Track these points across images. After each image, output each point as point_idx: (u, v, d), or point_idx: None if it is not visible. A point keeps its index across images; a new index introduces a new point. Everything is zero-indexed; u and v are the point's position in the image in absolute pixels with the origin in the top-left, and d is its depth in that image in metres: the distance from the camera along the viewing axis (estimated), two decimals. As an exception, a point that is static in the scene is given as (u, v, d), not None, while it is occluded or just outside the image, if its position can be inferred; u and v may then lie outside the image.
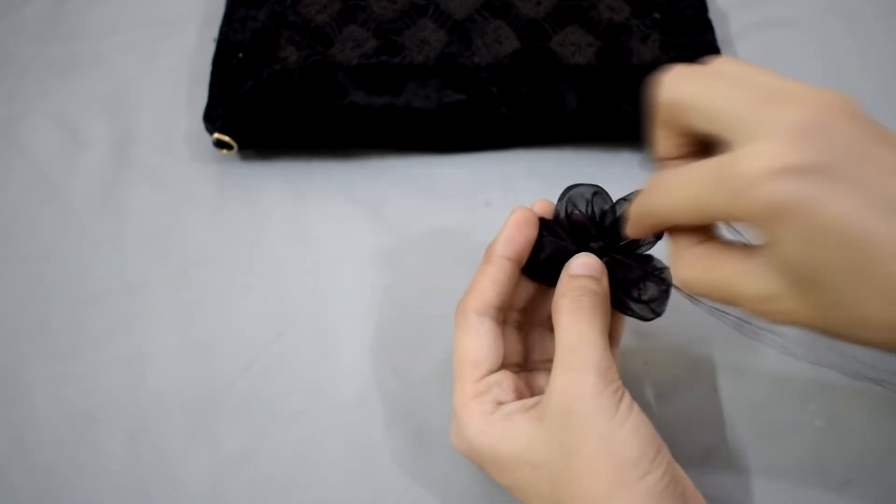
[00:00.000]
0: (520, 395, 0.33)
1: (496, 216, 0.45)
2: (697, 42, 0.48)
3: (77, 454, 0.38)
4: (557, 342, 0.31)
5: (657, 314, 0.32)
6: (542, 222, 0.34)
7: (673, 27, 0.49)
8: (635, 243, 0.33)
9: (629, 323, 0.41)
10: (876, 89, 0.51)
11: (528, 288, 0.35)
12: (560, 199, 0.34)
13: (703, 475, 0.37)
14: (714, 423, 0.38)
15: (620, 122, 0.46)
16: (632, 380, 0.40)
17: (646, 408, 0.39)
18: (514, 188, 0.46)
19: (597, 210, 0.33)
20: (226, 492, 0.37)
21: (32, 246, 0.45)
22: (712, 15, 0.51)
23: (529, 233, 0.33)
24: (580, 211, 0.33)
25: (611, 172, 0.47)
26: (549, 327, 0.35)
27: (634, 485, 0.28)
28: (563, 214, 0.34)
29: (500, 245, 0.33)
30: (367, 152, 0.48)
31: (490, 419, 0.31)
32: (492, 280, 0.33)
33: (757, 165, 0.23)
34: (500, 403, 0.32)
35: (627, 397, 0.30)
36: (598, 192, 0.34)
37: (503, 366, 0.34)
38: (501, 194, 0.46)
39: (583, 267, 0.32)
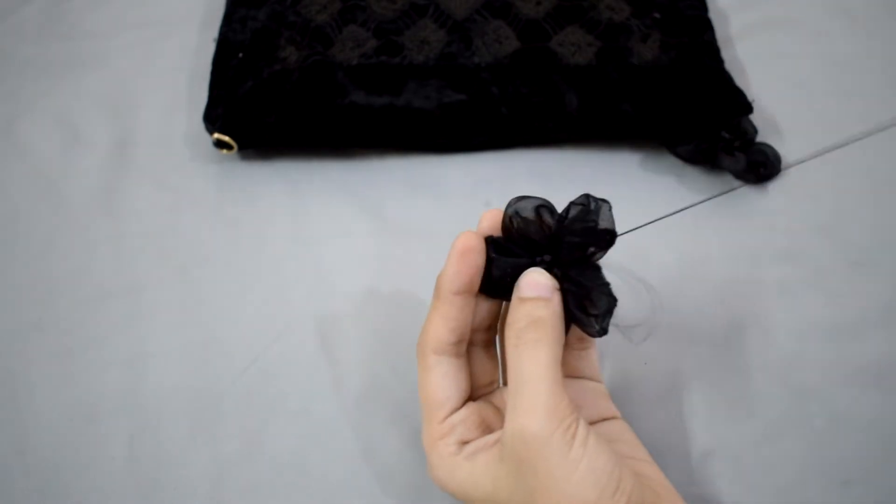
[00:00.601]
0: (486, 428, 0.32)
1: (496, 216, 0.45)
2: (697, 42, 0.48)
3: (77, 454, 0.38)
4: (508, 379, 0.30)
5: (602, 330, 0.30)
6: (491, 241, 0.32)
7: (673, 27, 0.49)
8: (586, 254, 0.31)
9: (628, 323, 0.41)
10: (875, 89, 0.51)
11: (490, 307, 0.33)
12: (506, 212, 0.32)
13: (703, 475, 0.37)
14: (714, 423, 0.38)
15: (620, 122, 0.46)
16: (632, 380, 0.40)
17: (645, 408, 0.39)
18: (514, 188, 0.46)
19: (545, 221, 0.31)
20: (226, 492, 0.37)
21: (32, 246, 0.45)
22: (712, 15, 0.51)
23: (475, 260, 0.32)
24: (526, 220, 0.31)
25: (611, 172, 0.47)
26: None
27: None
28: (511, 227, 0.32)
29: (447, 280, 0.32)
30: (367, 152, 0.48)
31: (455, 461, 0.31)
32: (443, 317, 0.32)
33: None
34: (464, 443, 0.31)
35: (582, 431, 0.28)
36: (544, 204, 0.32)
37: (473, 395, 0.33)
38: (501, 194, 0.46)
39: (532, 287, 0.30)
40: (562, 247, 0.31)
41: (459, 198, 0.46)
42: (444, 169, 0.47)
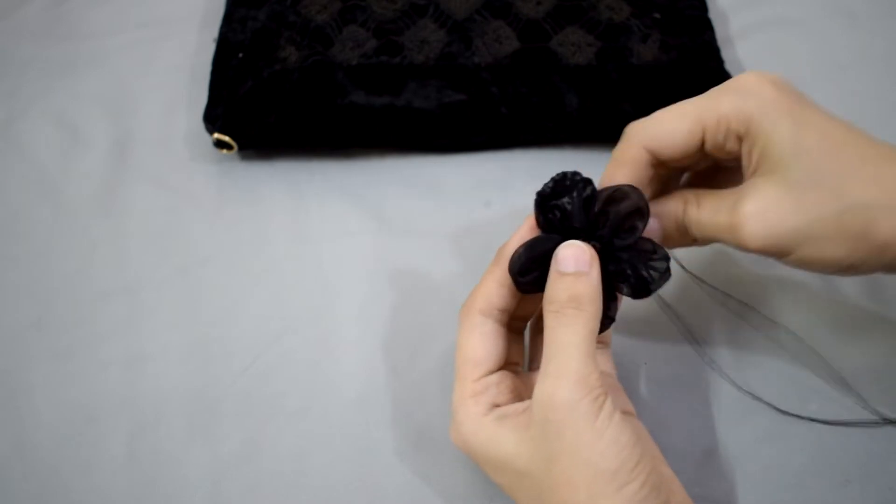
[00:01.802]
0: (518, 396, 0.33)
1: (496, 216, 0.46)
2: (697, 42, 0.48)
3: (77, 454, 0.38)
4: (543, 348, 0.31)
5: (651, 291, 0.32)
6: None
7: (673, 27, 0.49)
8: (620, 232, 0.32)
9: (628, 323, 0.41)
10: (875, 89, 0.51)
11: (535, 301, 0.35)
12: (545, 202, 0.33)
13: (702, 475, 0.37)
14: (714, 423, 0.38)
15: (620, 122, 0.45)
16: (632, 380, 0.40)
17: (645, 407, 0.39)
18: (514, 188, 0.46)
19: (577, 202, 0.33)
20: (226, 492, 0.37)
21: (32, 246, 0.45)
22: (712, 15, 0.51)
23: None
24: (568, 212, 0.33)
25: (611, 172, 0.47)
26: None
27: (612, 496, 0.28)
28: (552, 219, 0.33)
29: (511, 249, 0.33)
30: (367, 152, 0.48)
31: (482, 420, 0.31)
32: (498, 282, 0.33)
33: (752, 76, 0.32)
34: (496, 405, 0.32)
35: (609, 405, 0.29)
36: (587, 194, 0.33)
37: (505, 365, 0.34)
38: (501, 194, 0.46)
39: (570, 262, 0.31)
40: (603, 224, 0.32)
41: (459, 198, 0.46)
42: (444, 169, 0.47)
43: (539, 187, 0.34)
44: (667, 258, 0.32)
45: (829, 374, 0.39)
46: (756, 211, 0.30)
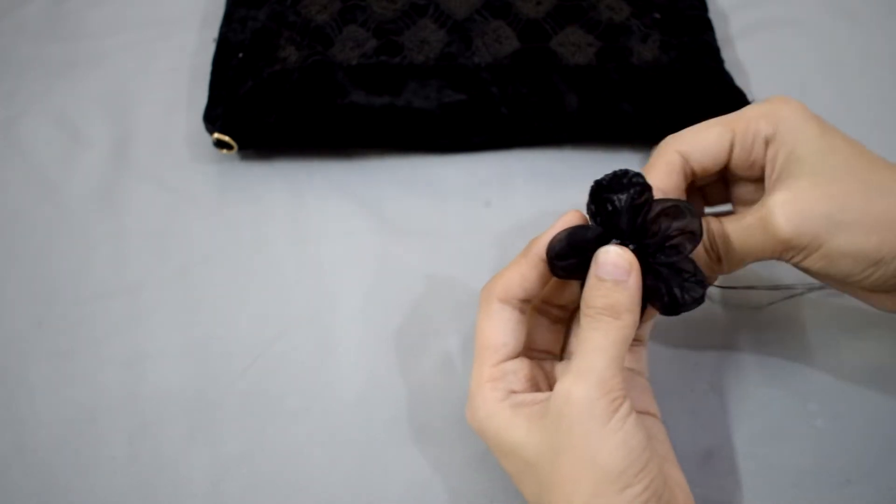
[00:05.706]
0: (534, 386, 0.33)
1: (496, 216, 0.46)
2: (697, 42, 0.48)
3: (77, 454, 0.38)
4: (578, 345, 0.31)
5: (695, 300, 0.31)
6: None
7: (673, 27, 0.49)
8: (666, 247, 0.31)
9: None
10: (876, 89, 0.51)
11: (574, 289, 0.34)
12: (599, 194, 0.32)
13: (703, 475, 0.37)
14: (714, 423, 0.38)
15: (620, 122, 0.46)
16: (632, 380, 0.40)
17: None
18: (514, 188, 0.46)
19: (627, 203, 0.31)
20: (226, 492, 0.37)
21: (32, 246, 0.45)
22: (712, 15, 0.51)
23: None
24: (617, 210, 0.32)
25: (611, 172, 0.47)
26: None
27: (613, 497, 0.28)
28: (601, 211, 0.32)
29: (541, 245, 0.33)
30: (367, 152, 0.48)
31: (499, 406, 0.32)
32: (521, 275, 0.33)
33: (778, 96, 0.34)
34: (513, 392, 0.32)
35: (625, 408, 0.29)
36: (637, 185, 0.31)
37: (529, 353, 0.34)
38: (501, 194, 0.46)
39: (609, 269, 0.30)
40: (647, 237, 0.32)
41: (459, 198, 0.46)
42: (444, 169, 0.47)
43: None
44: (703, 283, 0.31)
45: None
46: (786, 199, 0.32)
